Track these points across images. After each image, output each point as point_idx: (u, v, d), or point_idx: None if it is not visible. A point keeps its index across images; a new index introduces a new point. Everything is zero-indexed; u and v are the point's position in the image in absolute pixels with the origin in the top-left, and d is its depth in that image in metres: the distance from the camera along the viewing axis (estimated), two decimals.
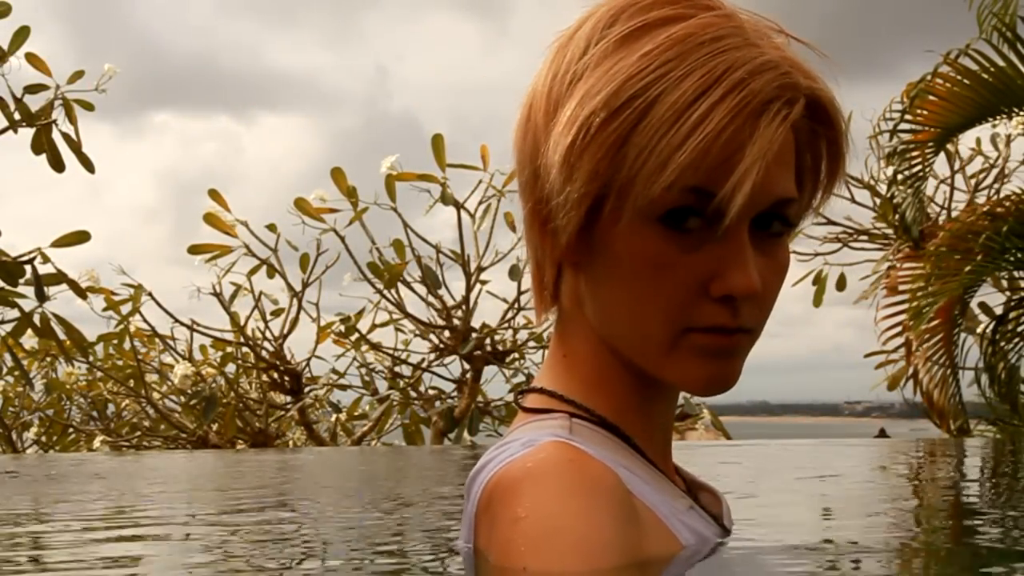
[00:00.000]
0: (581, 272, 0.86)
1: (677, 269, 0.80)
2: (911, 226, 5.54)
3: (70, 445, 7.55)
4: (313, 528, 1.59)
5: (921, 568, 1.08)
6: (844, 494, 2.02)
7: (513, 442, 0.83)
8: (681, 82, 0.78)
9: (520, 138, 0.89)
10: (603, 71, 0.81)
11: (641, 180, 0.78)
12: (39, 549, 1.41)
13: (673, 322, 0.81)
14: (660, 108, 0.77)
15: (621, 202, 0.80)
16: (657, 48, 0.79)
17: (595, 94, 0.80)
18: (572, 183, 0.81)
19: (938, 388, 5.36)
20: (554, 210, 0.83)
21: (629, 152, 0.78)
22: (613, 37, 0.82)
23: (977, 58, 4.98)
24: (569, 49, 0.85)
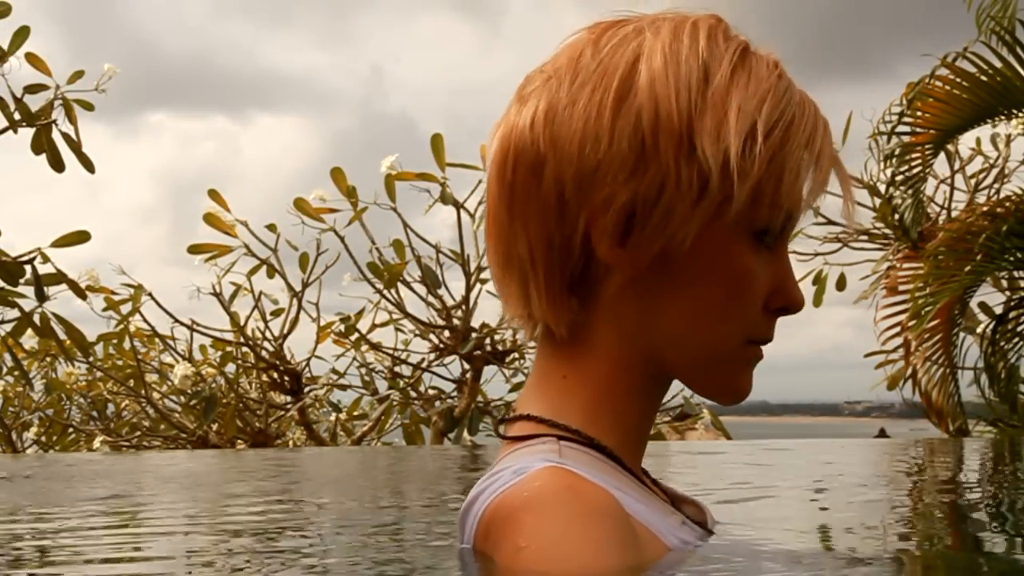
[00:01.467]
0: (639, 283, 0.85)
1: (757, 282, 0.86)
2: (910, 228, 5.54)
3: (70, 445, 7.54)
4: (313, 527, 1.60)
5: (921, 569, 1.08)
6: (843, 494, 2.02)
7: (503, 471, 0.82)
8: (803, 109, 0.86)
9: (581, 127, 0.83)
10: (744, 87, 0.83)
11: (784, 196, 0.84)
12: (39, 549, 1.41)
13: (742, 333, 0.87)
14: (797, 132, 0.84)
15: (728, 213, 0.83)
16: (769, 72, 0.85)
17: (752, 109, 0.82)
18: (733, 189, 0.81)
19: (937, 388, 5.37)
20: (661, 215, 0.82)
21: (782, 169, 0.83)
22: (732, 53, 0.85)
23: (976, 60, 4.99)
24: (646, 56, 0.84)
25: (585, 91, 0.84)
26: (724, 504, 1.70)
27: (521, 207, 0.86)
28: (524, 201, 0.86)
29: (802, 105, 0.86)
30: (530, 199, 0.85)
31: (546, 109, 0.85)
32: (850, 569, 0.97)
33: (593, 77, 0.84)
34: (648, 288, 0.85)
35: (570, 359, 0.88)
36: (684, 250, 0.83)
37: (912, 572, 1.03)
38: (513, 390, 6.79)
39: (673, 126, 0.82)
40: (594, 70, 0.84)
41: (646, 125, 0.82)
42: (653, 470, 0.94)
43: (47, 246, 4.38)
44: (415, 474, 3.02)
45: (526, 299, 0.87)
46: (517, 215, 0.86)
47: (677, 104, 0.82)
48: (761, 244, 0.86)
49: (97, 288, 6.23)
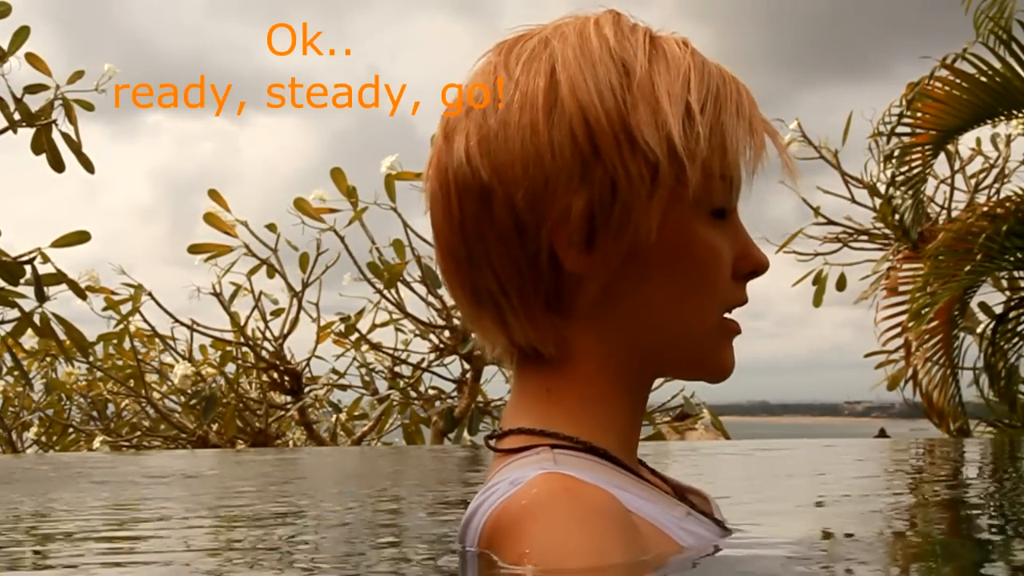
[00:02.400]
0: (613, 284, 0.85)
1: (724, 255, 0.88)
2: (910, 228, 5.54)
3: (70, 445, 7.55)
4: (314, 528, 1.60)
5: (920, 570, 1.08)
6: (843, 494, 2.02)
7: (499, 483, 0.82)
8: (723, 80, 0.87)
9: (519, 149, 0.83)
10: (665, 72, 0.85)
11: (731, 167, 0.86)
12: (40, 551, 1.41)
13: (719, 307, 0.89)
14: (726, 103, 0.86)
15: (683, 196, 0.84)
16: (683, 52, 0.87)
17: (680, 91, 0.84)
18: (685, 171, 0.83)
19: (938, 389, 5.37)
20: (621, 212, 0.82)
21: (723, 141, 0.85)
22: (642, 42, 0.86)
23: (975, 61, 4.99)
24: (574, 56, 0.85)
25: (512, 113, 0.84)
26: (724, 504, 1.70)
27: (477, 240, 0.85)
28: (479, 233, 0.85)
29: (721, 77, 0.87)
30: (484, 230, 0.85)
31: (478, 139, 0.84)
32: (847, 569, 0.97)
33: (516, 98, 0.84)
34: (622, 286, 0.86)
35: (552, 371, 0.88)
36: (650, 242, 0.84)
37: (912, 572, 1.03)
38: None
39: (607, 127, 0.82)
40: (514, 91, 0.84)
41: (581, 132, 0.82)
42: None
43: (47, 246, 4.39)
44: (415, 474, 3.02)
45: (505, 328, 0.87)
46: (475, 249, 0.86)
47: (604, 105, 0.82)
48: (718, 218, 0.87)
49: (97, 288, 6.23)
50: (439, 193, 0.87)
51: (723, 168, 0.85)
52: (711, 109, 0.85)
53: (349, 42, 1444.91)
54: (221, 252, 6.60)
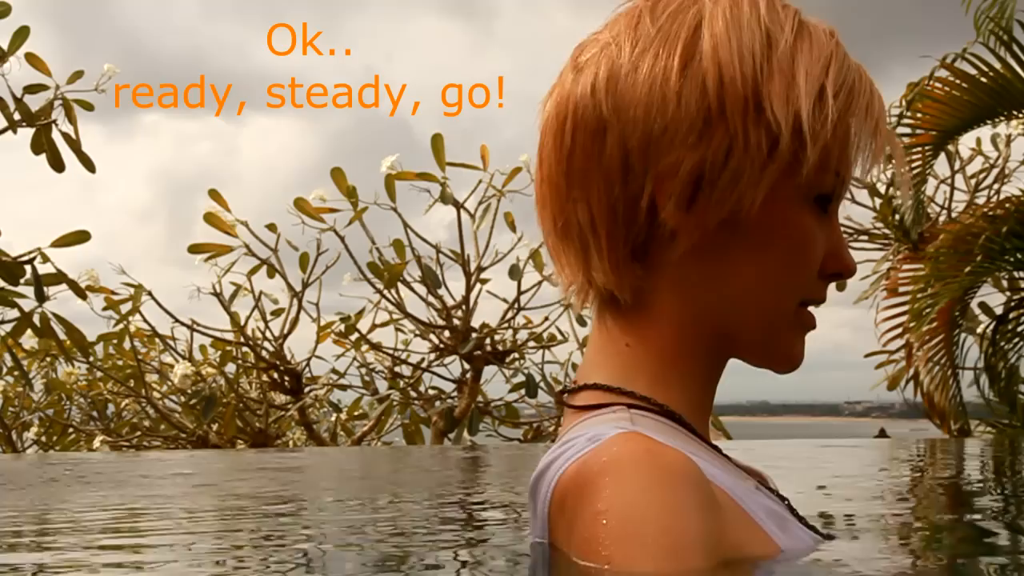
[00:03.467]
0: (704, 248, 0.84)
1: (818, 247, 0.87)
2: (910, 229, 5.54)
3: (70, 445, 7.54)
4: (314, 528, 1.60)
5: (920, 570, 1.08)
6: (842, 494, 2.02)
7: (576, 439, 0.81)
8: (861, 77, 0.87)
9: (647, 92, 0.82)
10: (808, 52, 0.84)
11: (848, 161, 0.86)
12: (39, 551, 1.41)
13: (799, 297, 0.88)
14: (858, 99, 0.85)
15: (795, 176, 0.84)
16: (828, 39, 0.87)
17: (818, 74, 0.84)
18: (804, 150, 0.82)
19: (938, 389, 5.37)
20: (730, 177, 0.82)
21: (847, 134, 0.85)
22: (792, 20, 0.86)
23: (974, 62, 4.99)
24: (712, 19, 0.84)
25: (648, 57, 0.83)
26: None
27: (582, 174, 0.85)
28: (585, 167, 0.85)
29: (860, 73, 0.87)
30: (591, 165, 0.84)
31: (607, 76, 0.84)
32: (847, 569, 0.97)
33: (655, 43, 0.83)
34: (713, 253, 0.85)
35: (632, 326, 0.87)
36: (751, 214, 0.83)
37: (912, 572, 1.02)
38: (513, 390, 6.80)
39: (740, 90, 0.82)
40: (655, 36, 0.84)
41: (712, 89, 0.81)
42: None
43: (47, 246, 4.38)
44: (415, 474, 3.02)
45: (586, 266, 0.87)
46: (576, 182, 0.85)
47: (742, 69, 0.82)
48: (821, 210, 0.87)
49: (97, 288, 6.23)
50: (554, 120, 0.87)
51: (840, 160, 0.85)
52: (843, 99, 0.84)
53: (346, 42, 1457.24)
54: (221, 252, 6.60)
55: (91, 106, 4.89)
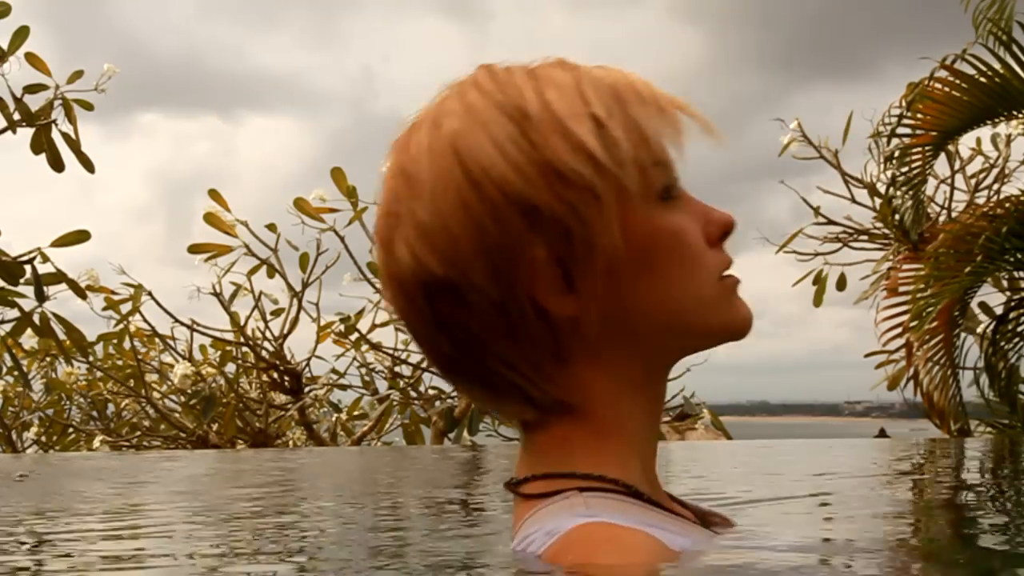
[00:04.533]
0: (607, 305, 0.84)
1: (690, 230, 0.88)
2: (910, 229, 5.54)
3: (70, 445, 7.55)
4: (314, 528, 1.60)
5: (920, 570, 1.08)
6: (842, 493, 2.02)
7: (533, 534, 0.81)
8: (612, 77, 0.87)
9: (462, 231, 0.82)
10: (558, 97, 0.85)
11: (658, 152, 0.86)
12: (40, 550, 1.41)
13: (713, 274, 0.88)
14: (627, 97, 0.86)
15: (631, 197, 0.84)
16: (561, 69, 0.87)
17: (580, 108, 0.84)
18: (621, 177, 0.83)
19: (938, 389, 5.36)
20: (582, 238, 0.82)
21: (641, 132, 0.85)
22: (522, 79, 0.86)
23: (974, 63, 4.99)
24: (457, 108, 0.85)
25: (439, 201, 0.83)
26: (726, 504, 1.70)
27: (464, 333, 0.85)
28: (463, 326, 0.84)
29: (611, 76, 0.88)
30: (466, 320, 0.84)
31: (418, 239, 0.84)
32: (847, 568, 0.97)
33: (435, 187, 0.83)
34: (614, 306, 0.85)
35: (563, 417, 0.87)
36: (621, 254, 0.84)
37: (911, 573, 1.02)
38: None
39: (530, 173, 0.82)
40: (431, 181, 0.84)
41: (509, 191, 0.82)
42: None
43: (47, 246, 4.38)
44: (414, 474, 3.02)
45: (527, 400, 0.86)
46: (467, 344, 0.85)
47: (513, 158, 0.82)
48: (668, 199, 0.87)
49: (97, 288, 6.23)
50: (408, 307, 0.87)
51: (652, 156, 0.86)
52: (617, 110, 0.85)
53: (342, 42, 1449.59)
54: (221, 252, 6.60)
55: (91, 106, 4.89)
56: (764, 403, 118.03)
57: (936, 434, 5.52)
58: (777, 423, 65.92)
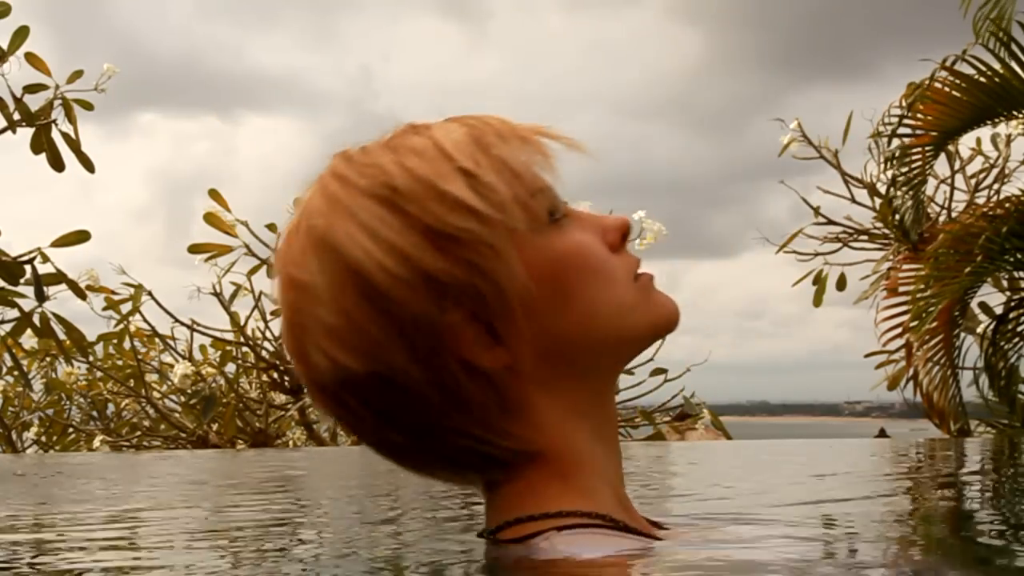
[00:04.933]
0: (536, 346, 0.85)
1: (588, 243, 0.88)
2: (910, 229, 5.55)
3: (70, 445, 7.54)
4: (314, 528, 1.60)
5: (920, 570, 1.08)
6: (842, 493, 2.02)
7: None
8: (463, 124, 0.88)
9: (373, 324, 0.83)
10: (419, 162, 0.85)
11: (533, 181, 0.87)
12: (40, 551, 1.41)
13: (623, 280, 0.89)
14: (486, 140, 0.87)
15: (522, 233, 0.85)
16: (411, 132, 0.88)
17: (444, 165, 0.84)
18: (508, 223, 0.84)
19: (938, 389, 5.37)
20: (493, 291, 0.83)
21: (511, 170, 0.86)
22: (381, 153, 0.87)
23: (975, 63, 4.99)
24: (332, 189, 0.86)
25: (339, 299, 0.83)
26: (724, 504, 1.70)
27: (406, 417, 0.85)
28: (403, 412, 0.85)
29: (465, 124, 0.88)
30: (403, 406, 0.84)
31: (332, 342, 0.84)
32: (847, 568, 0.97)
33: (332, 287, 0.83)
34: (542, 340, 0.85)
35: (527, 460, 0.87)
36: (532, 292, 0.84)
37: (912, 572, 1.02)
38: None
39: (418, 247, 0.82)
40: (325, 282, 0.84)
41: (403, 273, 0.82)
42: (657, 470, 0.94)
43: (47, 246, 4.38)
44: None
45: (491, 463, 0.87)
46: (409, 426, 0.86)
47: (391, 240, 0.83)
48: (558, 222, 0.88)
49: (97, 288, 6.23)
50: (343, 411, 0.87)
51: (529, 187, 0.86)
52: (482, 156, 0.85)
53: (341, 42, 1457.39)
54: (221, 252, 6.60)
55: (91, 106, 4.89)
56: (764, 403, 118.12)
57: (936, 434, 5.52)
58: (777, 423, 65.94)
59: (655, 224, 6.52)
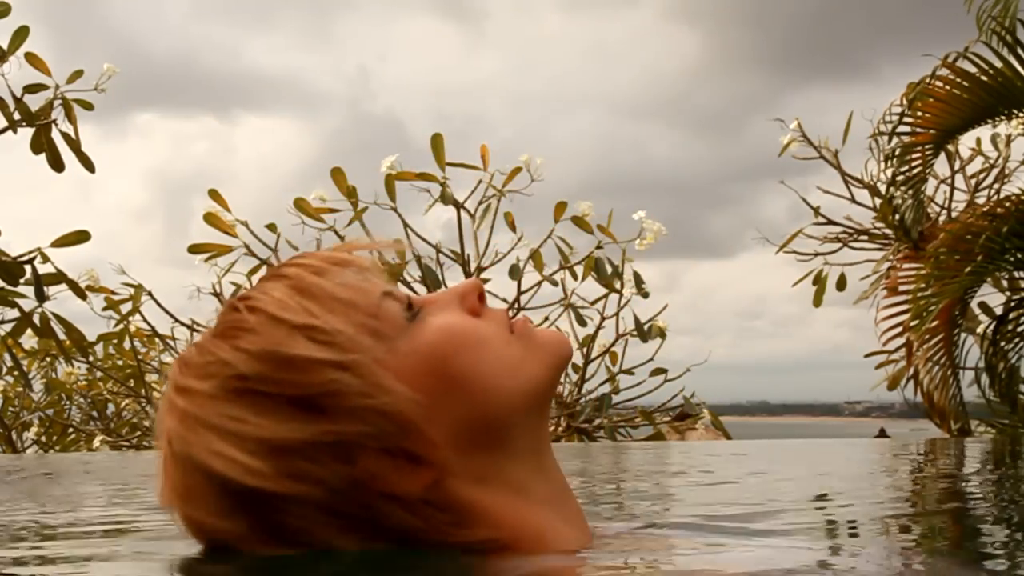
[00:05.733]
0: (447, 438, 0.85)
1: (453, 320, 0.88)
2: (910, 228, 5.55)
3: (70, 445, 7.55)
4: None
5: (920, 568, 1.07)
6: (842, 492, 2.02)
7: None
8: (294, 282, 0.87)
9: None
10: (254, 339, 0.84)
11: (362, 304, 0.87)
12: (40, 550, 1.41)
13: (502, 333, 0.89)
14: (310, 282, 0.86)
15: (380, 350, 0.85)
16: (250, 314, 0.86)
17: (285, 332, 0.83)
18: (359, 352, 0.84)
19: (938, 389, 5.37)
20: (390, 429, 0.83)
21: (341, 301, 0.86)
22: (226, 349, 0.85)
23: (976, 61, 4.98)
24: None
25: (242, 507, 0.83)
26: (724, 504, 1.70)
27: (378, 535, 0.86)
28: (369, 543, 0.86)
29: (276, 278, 0.88)
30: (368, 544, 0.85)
31: (262, 543, 0.83)
32: (849, 568, 0.96)
33: (226, 496, 0.82)
34: (457, 434, 0.85)
35: (489, 542, 0.88)
36: (418, 398, 0.84)
37: (911, 570, 1.02)
38: None
39: (293, 435, 0.81)
40: (221, 507, 0.83)
41: (289, 460, 0.81)
42: (655, 470, 0.94)
43: (47, 246, 4.38)
44: None
45: None
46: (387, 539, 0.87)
47: (257, 432, 0.81)
48: (415, 316, 0.88)
49: (97, 288, 6.23)
50: None
51: (369, 307, 0.86)
52: (310, 303, 0.85)
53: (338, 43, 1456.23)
54: (221, 252, 6.60)
55: (91, 106, 4.89)
56: (764, 403, 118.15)
57: (936, 434, 5.52)
58: (777, 423, 65.95)
59: (655, 224, 6.52)
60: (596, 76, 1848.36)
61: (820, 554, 1.05)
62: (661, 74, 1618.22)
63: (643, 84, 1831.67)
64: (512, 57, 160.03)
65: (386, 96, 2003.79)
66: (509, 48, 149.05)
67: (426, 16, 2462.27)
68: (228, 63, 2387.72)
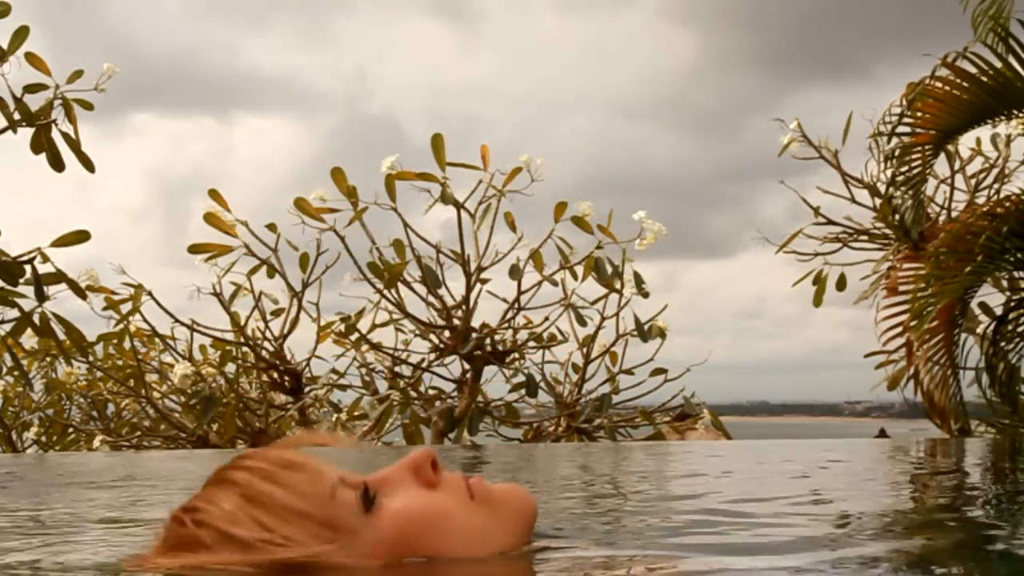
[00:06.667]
0: None
1: (411, 499, 0.90)
2: (910, 228, 5.54)
3: (70, 445, 7.54)
4: None
5: (920, 568, 1.07)
6: (842, 492, 2.02)
7: None
8: (251, 479, 0.91)
9: None
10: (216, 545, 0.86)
11: (328, 518, 0.89)
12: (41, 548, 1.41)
13: (463, 502, 0.91)
14: (261, 490, 0.88)
15: (340, 549, 0.86)
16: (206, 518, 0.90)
17: (239, 549, 0.85)
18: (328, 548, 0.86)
19: (939, 389, 5.36)
20: None
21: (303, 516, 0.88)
22: None
23: (976, 61, 4.98)
24: None
25: None
26: (723, 504, 1.70)
27: None
28: None
29: (224, 485, 0.91)
30: None
31: None
32: (851, 568, 0.96)
33: None
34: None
35: None
36: (394, 558, 0.86)
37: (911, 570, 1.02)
38: (513, 390, 6.80)
39: None
40: None
41: None
42: (655, 469, 0.94)
43: (47, 246, 4.38)
44: None
45: None
46: None
47: None
48: (372, 502, 0.89)
49: (97, 288, 6.23)
50: None
51: (323, 511, 0.86)
52: (260, 514, 0.85)
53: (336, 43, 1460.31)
54: (221, 252, 6.60)
55: (91, 105, 4.89)
56: (764, 403, 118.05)
57: (936, 434, 5.52)
58: (777, 423, 65.88)
59: (655, 224, 6.52)
60: (593, 76, 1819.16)
61: (816, 554, 1.05)
62: (658, 74, 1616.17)
63: (640, 84, 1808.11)
64: (508, 57, 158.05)
65: (383, 96, 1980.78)
66: (505, 48, 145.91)
67: (423, 17, 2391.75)
68: (225, 63, 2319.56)
